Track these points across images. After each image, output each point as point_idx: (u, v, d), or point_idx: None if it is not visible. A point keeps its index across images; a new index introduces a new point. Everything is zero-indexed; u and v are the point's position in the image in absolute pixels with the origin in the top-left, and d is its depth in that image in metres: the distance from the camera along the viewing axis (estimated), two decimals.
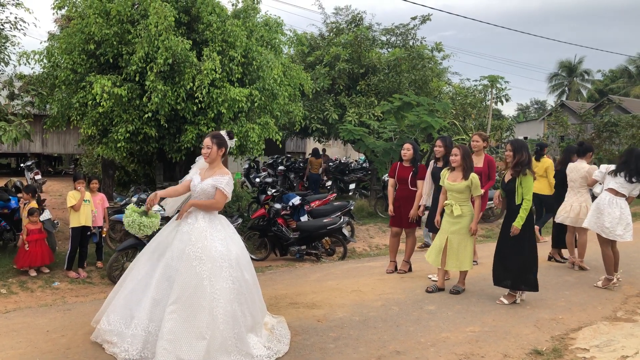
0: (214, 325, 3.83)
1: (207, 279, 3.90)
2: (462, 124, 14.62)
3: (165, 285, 3.93)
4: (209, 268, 3.93)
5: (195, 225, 4.10)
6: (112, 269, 7.24)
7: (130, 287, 4.05)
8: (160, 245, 4.12)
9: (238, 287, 4.05)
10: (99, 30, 8.15)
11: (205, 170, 4.32)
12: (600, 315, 5.34)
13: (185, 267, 3.90)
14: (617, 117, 19.06)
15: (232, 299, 3.98)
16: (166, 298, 3.87)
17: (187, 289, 3.85)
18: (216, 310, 3.86)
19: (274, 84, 9.18)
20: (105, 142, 8.65)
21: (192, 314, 3.80)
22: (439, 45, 15.68)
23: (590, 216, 6.44)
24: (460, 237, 5.81)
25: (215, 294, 3.89)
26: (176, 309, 3.79)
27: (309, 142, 24.81)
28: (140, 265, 4.13)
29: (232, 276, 4.03)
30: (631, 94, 42.76)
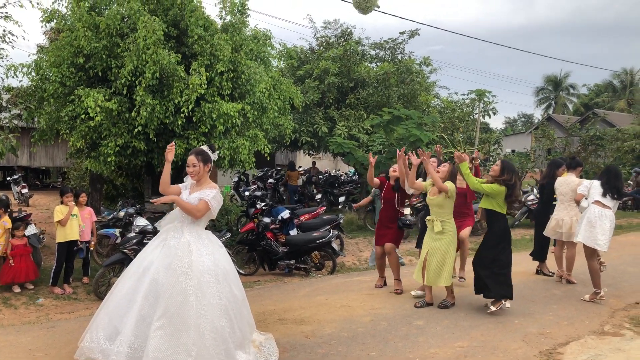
0: (201, 342, 3.77)
1: (194, 294, 3.84)
2: (450, 138, 14.71)
3: (151, 301, 3.86)
4: (196, 283, 3.87)
5: (182, 240, 4.04)
6: (99, 285, 7.16)
7: (114, 303, 3.98)
8: (146, 260, 4.06)
9: (226, 302, 4.00)
10: (88, 44, 8.14)
11: (193, 185, 4.30)
12: (588, 330, 5.36)
13: (171, 282, 3.85)
14: (603, 131, 19.28)
15: (219, 315, 3.92)
16: (152, 314, 3.80)
17: (173, 305, 3.79)
18: (203, 326, 3.80)
19: (264, 98, 9.20)
20: (94, 155, 8.60)
21: (178, 330, 3.75)
22: (427, 60, 15.82)
23: (584, 230, 6.46)
24: (441, 253, 5.82)
25: (202, 310, 3.84)
26: (162, 325, 3.74)
27: (299, 155, 24.83)
28: (124, 280, 4.07)
29: (219, 292, 3.98)
30: (615, 107, 43.38)
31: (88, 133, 8.29)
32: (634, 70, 46.87)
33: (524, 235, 12.57)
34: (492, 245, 5.85)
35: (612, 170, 6.61)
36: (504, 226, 5.90)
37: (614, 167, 6.89)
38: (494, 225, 5.91)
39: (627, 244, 10.90)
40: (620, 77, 47.36)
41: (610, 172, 6.55)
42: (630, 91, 45.65)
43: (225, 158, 8.66)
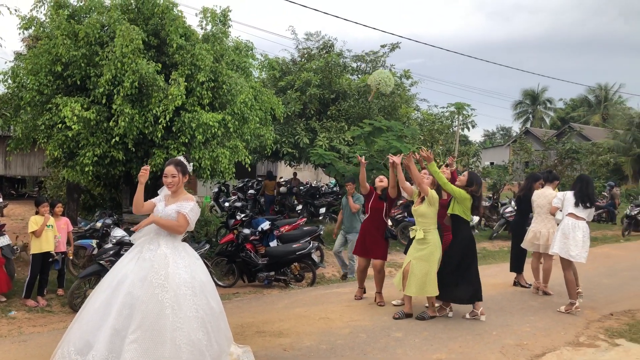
0: (177, 356, 3.73)
1: (170, 307, 3.80)
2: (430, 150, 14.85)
3: (125, 314, 3.80)
4: (172, 296, 3.84)
5: (158, 252, 4.01)
6: (74, 297, 7.01)
7: (87, 317, 3.90)
8: (120, 273, 3.99)
9: (203, 315, 3.96)
10: (67, 52, 8.04)
11: (168, 196, 4.26)
12: (564, 341, 5.43)
13: (147, 294, 3.80)
14: (578, 145, 19.68)
15: (196, 328, 3.88)
16: (126, 327, 3.74)
17: (149, 318, 3.74)
18: (179, 339, 3.76)
19: (245, 108, 9.19)
20: (71, 165, 8.47)
21: (154, 344, 3.70)
22: (407, 73, 15.99)
23: (558, 242, 6.60)
24: (423, 263, 5.84)
25: (178, 323, 3.79)
26: (137, 338, 3.68)
27: (280, 165, 24.79)
28: (98, 294, 3.99)
29: (196, 304, 3.94)
30: (590, 122, 44.36)
31: (65, 142, 8.17)
32: (609, 85, 48.06)
33: (502, 247, 12.70)
34: (457, 251, 6.00)
35: (584, 179, 6.83)
36: (469, 234, 6.17)
37: (585, 176, 7.15)
38: (459, 234, 6.07)
39: (602, 256, 11.09)
40: (595, 92, 48.48)
41: (582, 181, 6.77)
42: (605, 106, 46.73)
43: (206, 168, 8.60)
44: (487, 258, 11.21)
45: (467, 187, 5.95)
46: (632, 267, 9.69)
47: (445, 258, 6.01)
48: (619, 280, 8.56)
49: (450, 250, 6.04)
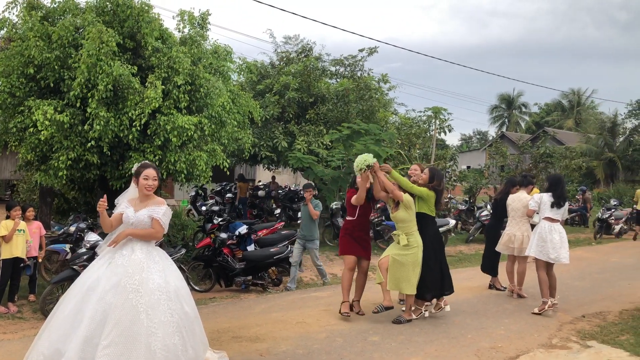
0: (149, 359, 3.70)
1: (144, 312, 3.78)
2: (407, 154, 14.97)
3: (98, 321, 3.74)
4: (147, 301, 3.81)
5: (132, 257, 3.99)
6: (46, 303, 6.87)
7: (56, 324, 3.83)
8: (90, 279, 3.93)
9: (177, 319, 3.94)
10: (40, 54, 7.90)
11: (135, 200, 4.22)
12: (537, 343, 5.51)
13: (120, 300, 3.77)
14: (552, 149, 20.06)
15: (171, 333, 3.86)
16: (99, 334, 3.69)
17: (123, 323, 3.70)
18: (154, 344, 3.73)
19: (222, 112, 9.13)
20: (44, 169, 8.30)
21: (128, 349, 3.66)
22: (385, 77, 16.09)
23: (535, 245, 6.75)
24: (408, 266, 5.88)
25: (152, 328, 3.77)
26: (109, 343, 3.64)
27: (259, 169, 24.72)
28: (67, 301, 3.92)
29: (170, 309, 3.92)
30: (564, 126, 45.26)
31: (38, 145, 8.01)
32: (581, 90, 49.13)
33: (478, 250, 12.85)
34: (428, 248, 6.07)
35: (557, 179, 7.06)
36: (436, 229, 6.36)
37: (557, 175, 7.37)
38: (427, 229, 6.16)
39: (574, 259, 11.24)
40: (568, 97, 49.52)
41: (556, 182, 6.97)
42: (578, 111, 47.75)
43: (182, 171, 8.52)
44: (463, 261, 11.34)
45: (429, 184, 6.14)
46: (604, 270, 9.89)
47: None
48: (591, 282, 8.73)
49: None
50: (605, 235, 15.47)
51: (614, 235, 15.63)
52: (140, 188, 4.19)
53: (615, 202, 18.19)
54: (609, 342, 5.48)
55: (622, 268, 10.14)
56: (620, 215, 16.07)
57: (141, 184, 4.17)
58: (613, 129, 32.52)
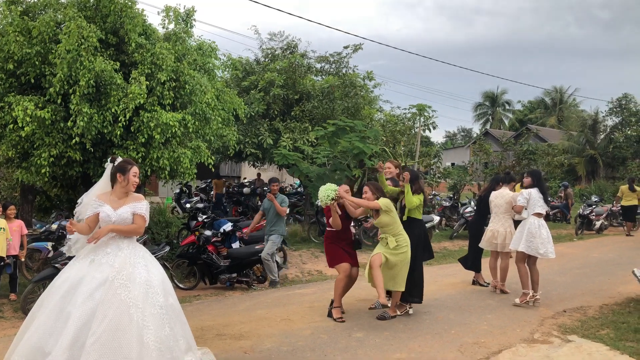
0: (147, 354, 3.73)
1: (134, 306, 3.80)
2: (392, 151, 15.00)
3: (85, 320, 3.71)
4: (135, 295, 3.84)
5: (119, 254, 4.00)
6: (27, 302, 6.78)
7: (38, 324, 3.76)
8: (72, 277, 3.89)
9: (165, 312, 4.00)
10: (20, 49, 7.77)
11: (109, 197, 4.19)
12: (519, 338, 5.58)
13: (109, 295, 3.77)
14: (535, 146, 20.29)
15: (162, 325, 3.91)
16: (87, 332, 3.66)
17: (110, 317, 3.70)
18: (147, 337, 3.77)
19: (207, 109, 9.08)
20: (26, 166, 8.18)
21: (117, 342, 3.66)
22: (370, 74, 16.11)
23: (525, 241, 6.84)
24: (400, 265, 5.94)
25: (144, 321, 3.81)
26: (98, 338, 3.62)
27: (244, 166, 24.63)
28: (48, 300, 3.87)
29: (158, 302, 3.97)
30: (547, 123, 45.79)
31: (19, 142, 7.89)
32: (564, 88, 49.71)
33: (462, 247, 12.96)
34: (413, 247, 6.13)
35: (538, 174, 7.24)
36: (425, 230, 6.61)
37: (536, 171, 7.51)
38: (415, 231, 6.27)
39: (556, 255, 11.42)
40: (551, 95, 50.06)
41: (538, 177, 7.15)
42: (560, 108, 48.30)
43: (165, 169, 8.46)
44: (447, 257, 11.43)
45: (412, 187, 6.19)
46: (584, 265, 10.05)
47: None
48: (572, 277, 8.86)
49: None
50: (586, 231, 15.70)
51: (595, 231, 15.87)
52: (129, 185, 4.19)
53: (596, 198, 18.45)
54: (590, 337, 5.57)
55: (603, 263, 10.30)
56: (601, 211, 16.31)
57: (131, 181, 4.18)
58: (594, 126, 32.96)
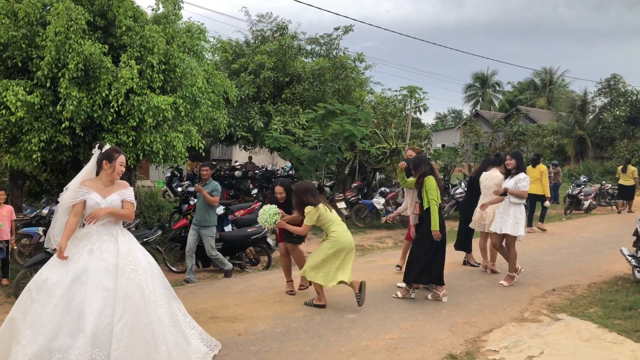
0: (165, 331, 3.92)
1: (147, 288, 3.96)
2: (383, 133, 15.01)
3: (100, 307, 3.74)
4: (145, 278, 3.99)
5: (119, 240, 4.08)
6: (19, 287, 6.77)
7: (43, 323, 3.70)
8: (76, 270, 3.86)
9: (168, 290, 4.26)
10: (6, 32, 7.63)
11: (95, 184, 4.17)
12: (509, 317, 5.68)
13: (123, 281, 3.86)
14: (525, 127, 20.39)
15: (169, 302, 4.17)
16: (107, 320, 3.73)
17: (135, 303, 3.82)
18: (162, 316, 3.98)
19: (197, 92, 9.01)
20: (14, 151, 8.10)
21: (145, 325, 3.80)
22: (361, 56, 16.04)
23: (514, 224, 6.92)
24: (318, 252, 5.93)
25: (158, 301, 4.00)
26: (127, 324, 3.73)
27: (235, 149, 24.56)
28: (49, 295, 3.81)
29: (161, 282, 4.18)
30: (537, 104, 45.91)
31: (7, 127, 7.80)
32: (553, 69, 49.78)
33: (453, 227, 13.06)
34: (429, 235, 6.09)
35: (522, 156, 7.42)
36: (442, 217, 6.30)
37: (520, 153, 7.71)
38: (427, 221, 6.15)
39: (545, 234, 11.60)
40: (541, 76, 50.12)
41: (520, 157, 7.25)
42: (550, 89, 48.43)
43: (159, 153, 8.43)
44: None
45: (417, 172, 6.15)
46: (573, 245, 10.18)
47: (418, 241, 6.23)
48: (561, 257, 8.99)
49: (424, 234, 6.17)
50: (575, 210, 15.88)
51: (583, 210, 16.04)
52: (114, 173, 4.20)
53: (584, 178, 18.64)
54: (578, 315, 5.68)
55: (591, 242, 10.45)
56: (590, 191, 16.48)
57: (117, 170, 4.19)
58: (583, 107, 33.11)
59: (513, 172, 7.10)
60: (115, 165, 4.16)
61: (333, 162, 13.78)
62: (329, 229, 5.88)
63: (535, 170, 11.50)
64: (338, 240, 5.77)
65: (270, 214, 6.01)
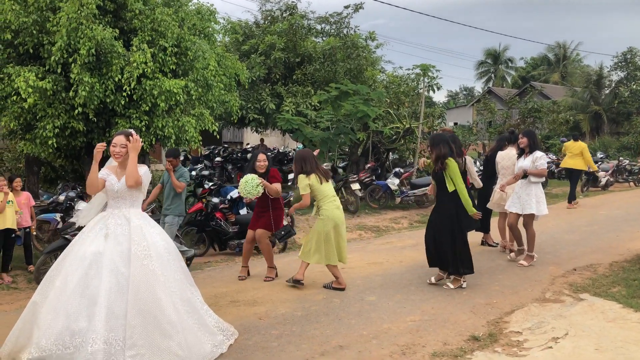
0: (178, 317, 3.89)
1: (161, 274, 3.92)
2: (396, 113, 14.84)
3: (115, 292, 3.76)
4: (160, 264, 3.95)
5: (132, 225, 4.04)
6: (40, 273, 6.83)
7: (62, 306, 3.74)
8: (88, 252, 3.88)
9: (183, 276, 4.18)
10: (16, 18, 7.58)
11: (116, 169, 4.23)
12: (531, 297, 5.62)
13: (136, 267, 3.84)
14: (540, 103, 20.04)
15: (185, 288, 4.11)
16: (122, 305, 3.74)
17: (146, 289, 3.80)
18: (176, 302, 3.94)
19: (209, 75, 8.94)
20: (30, 137, 8.12)
21: (156, 312, 3.78)
22: (372, 34, 15.81)
23: (537, 203, 6.82)
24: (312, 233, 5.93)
25: (171, 287, 3.96)
26: (141, 311, 3.72)
27: (246, 132, 24.50)
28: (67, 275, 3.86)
29: (177, 267, 4.13)
30: (550, 80, 45.16)
31: (22, 114, 7.80)
32: (567, 43, 48.80)
33: None
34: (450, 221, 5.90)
35: (535, 134, 7.26)
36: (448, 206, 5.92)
37: (533, 131, 7.59)
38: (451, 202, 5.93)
39: (563, 212, 11.48)
40: (554, 51, 49.17)
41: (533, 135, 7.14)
42: (564, 64, 47.56)
43: (171, 137, 8.40)
44: None
45: (434, 152, 5.88)
46: (592, 223, 10.05)
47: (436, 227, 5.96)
48: (580, 235, 8.87)
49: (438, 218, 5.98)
50: (592, 188, 15.68)
51: (601, 187, 15.84)
52: (113, 156, 4.22)
53: (601, 154, 18.37)
54: (601, 295, 5.59)
55: (610, 220, 10.31)
56: (607, 167, 16.25)
57: (111, 151, 4.22)
58: (599, 81, 32.48)
59: (527, 150, 6.95)
60: (110, 148, 4.20)
61: (346, 143, 13.68)
62: (319, 205, 5.86)
63: (575, 145, 12.41)
64: (327, 218, 5.75)
65: (253, 185, 5.98)
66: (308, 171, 5.84)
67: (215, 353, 4.07)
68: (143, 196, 4.31)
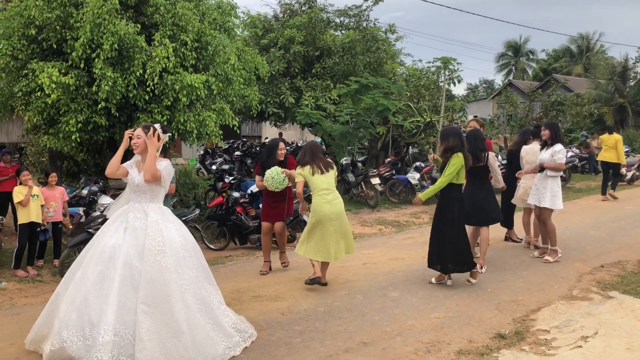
0: (190, 315, 3.85)
1: (174, 271, 3.88)
2: (416, 106, 14.70)
3: (127, 284, 3.79)
4: (174, 260, 3.91)
5: (149, 219, 4.04)
6: (64, 266, 6.90)
7: (82, 297, 3.81)
8: (108, 245, 3.94)
9: (201, 274, 4.13)
10: (40, 14, 7.65)
11: (139, 162, 4.26)
12: (557, 295, 5.51)
13: (149, 262, 3.83)
14: (563, 96, 19.68)
15: (200, 287, 4.05)
16: (132, 298, 3.76)
17: (156, 285, 3.78)
18: (189, 300, 3.89)
19: (229, 69, 8.93)
20: (53, 132, 8.21)
21: (167, 308, 3.76)
22: (392, 27, 15.66)
23: (552, 197, 6.71)
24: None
25: (184, 285, 3.91)
26: (149, 306, 3.72)
27: (265, 126, 24.55)
28: (88, 267, 3.92)
29: (194, 264, 4.09)
30: (573, 72, 44.31)
31: (45, 109, 7.88)
32: (590, 35, 47.80)
33: None
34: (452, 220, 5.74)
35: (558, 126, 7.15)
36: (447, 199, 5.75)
37: (556, 123, 7.41)
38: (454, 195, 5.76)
39: (588, 208, 11.26)
40: (577, 42, 48.19)
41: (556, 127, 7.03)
42: (587, 56, 46.61)
43: (193, 132, 8.42)
44: None
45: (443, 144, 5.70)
46: (618, 218, 9.84)
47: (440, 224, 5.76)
48: (606, 231, 8.69)
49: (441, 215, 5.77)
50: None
51: (626, 182, 15.50)
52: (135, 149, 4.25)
53: (627, 148, 17.96)
54: (631, 292, 5.46)
55: (637, 215, 10.07)
56: (632, 161, 15.90)
57: (131, 143, 4.24)
58: (623, 73, 31.74)
59: (549, 142, 6.82)
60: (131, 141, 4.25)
61: (365, 137, 13.59)
62: (312, 197, 5.79)
63: (610, 138, 12.16)
64: (313, 211, 5.65)
65: (279, 179, 6.05)
66: (305, 162, 5.81)
67: (227, 355, 3.96)
68: (165, 191, 4.28)
